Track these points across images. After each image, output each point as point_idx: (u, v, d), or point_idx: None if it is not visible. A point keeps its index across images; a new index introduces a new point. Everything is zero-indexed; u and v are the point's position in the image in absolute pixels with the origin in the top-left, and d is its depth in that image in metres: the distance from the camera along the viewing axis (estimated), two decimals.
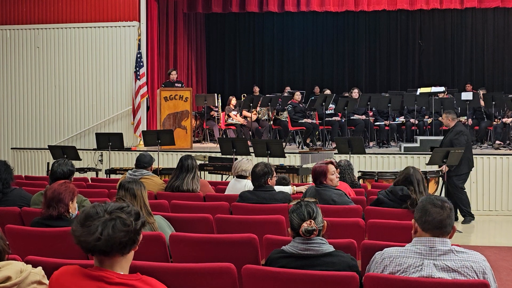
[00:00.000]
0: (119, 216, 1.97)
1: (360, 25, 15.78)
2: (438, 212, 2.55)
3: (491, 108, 10.34)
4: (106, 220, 1.96)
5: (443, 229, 2.55)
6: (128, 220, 1.98)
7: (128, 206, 2.05)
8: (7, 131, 11.60)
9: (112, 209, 2.00)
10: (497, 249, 6.52)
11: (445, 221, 2.55)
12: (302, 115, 11.21)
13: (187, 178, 5.23)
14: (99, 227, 1.94)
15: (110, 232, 1.93)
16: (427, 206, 2.58)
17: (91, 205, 2.05)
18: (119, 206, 2.03)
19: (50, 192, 3.54)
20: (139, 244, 2.07)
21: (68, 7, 11.27)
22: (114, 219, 1.96)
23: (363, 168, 9.05)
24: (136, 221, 2.01)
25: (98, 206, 2.02)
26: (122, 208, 2.02)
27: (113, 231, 1.94)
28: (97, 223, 1.95)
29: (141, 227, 2.04)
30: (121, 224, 1.96)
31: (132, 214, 2.02)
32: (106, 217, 1.96)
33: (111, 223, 1.95)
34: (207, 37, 15.82)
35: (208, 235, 3.52)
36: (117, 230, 1.95)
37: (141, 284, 2.01)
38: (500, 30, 14.96)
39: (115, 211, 1.99)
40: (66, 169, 4.75)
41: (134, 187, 3.66)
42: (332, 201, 4.54)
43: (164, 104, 10.60)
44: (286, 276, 2.63)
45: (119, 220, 1.96)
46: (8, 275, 2.15)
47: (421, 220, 2.58)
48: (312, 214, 2.77)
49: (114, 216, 1.97)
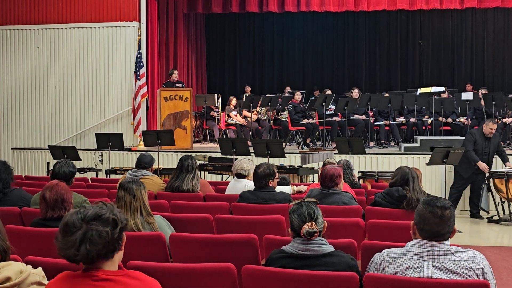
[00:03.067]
0: (95, 228, 1.96)
1: (360, 25, 15.78)
2: (437, 223, 2.52)
3: (491, 108, 10.34)
4: (83, 233, 1.94)
5: (440, 238, 2.53)
6: (104, 232, 1.96)
7: (106, 211, 2.02)
8: (7, 131, 11.61)
9: (89, 218, 1.98)
10: (497, 249, 6.52)
11: (443, 231, 2.53)
12: (302, 115, 11.21)
13: (187, 178, 5.23)
14: (77, 241, 1.94)
15: (88, 247, 1.93)
16: (426, 214, 2.54)
17: (71, 212, 2.03)
18: (96, 214, 1.99)
19: (51, 194, 3.53)
20: (123, 246, 2.07)
21: (68, 7, 11.27)
22: (91, 231, 1.95)
23: (363, 168, 9.05)
24: (114, 229, 1.99)
25: (76, 214, 2.00)
26: (99, 216, 1.99)
27: (90, 245, 1.94)
28: (74, 237, 1.94)
29: (120, 233, 2.03)
30: (97, 236, 1.95)
31: (109, 222, 1.99)
32: (83, 228, 1.95)
33: (88, 235, 1.94)
34: (207, 37, 15.82)
35: (208, 235, 3.52)
36: (93, 243, 1.94)
37: (126, 279, 2.01)
38: (500, 30, 14.96)
39: (91, 222, 1.97)
40: (68, 170, 4.75)
41: (134, 187, 3.66)
42: (343, 203, 4.53)
43: (164, 104, 10.60)
44: (286, 276, 2.63)
45: (95, 233, 1.95)
46: (8, 276, 2.15)
47: (419, 227, 2.56)
48: (313, 216, 2.77)
49: (90, 227, 1.95)
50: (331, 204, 4.48)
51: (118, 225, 2.02)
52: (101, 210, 2.02)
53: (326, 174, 4.60)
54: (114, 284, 1.98)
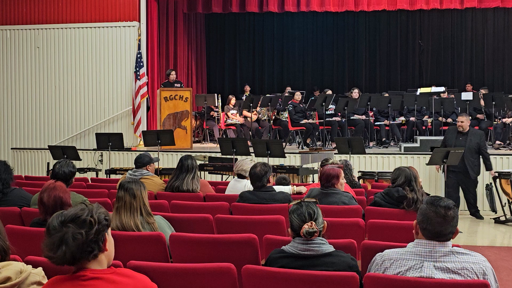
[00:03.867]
0: (71, 231, 1.96)
1: (360, 25, 15.78)
2: (440, 222, 2.51)
3: (491, 108, 10.34)
4: (61, 235, 1.95)
5: (443, 238, 2.53)
6: (78, 234, 1.96)
7: (84, 213, 2.01)
8: (7, 131, 11.60)
9: (66, 220, 1.98)
10: (497, 249, 6.52)
11: (446, 231, 2.52)
12: (302, 115, 11.21)
13: (187, 178, 5.22)
14: (55, 243, 1.95)
15: (63, 249, 1.94)
16: (429, 214, 2.53)
17: (54, 214, 2.04)
18: (73, 215, 2.00)
19: (49, 199, 3.51)
20: (105, 246, 2.05)
21: (68, 7, 11.28)
22: (67, 233, 1.95)
23: (363, 168, 9.05)
24: (89, 231, 1.98)
25: (56, 217, 2.01)
26: (76, 218, 1.99)
27: (65, 247, 1.94)
28: (53, 239, 1.96)
29: (98, 234, 2.01)
30: (72, 238, 1.95)
31: (86, 224, 1.99)
32: (62, 231, 1.96)
33: (65, 237, 1.95)
34: (207, 37, 15.82)
35: (208, 235, 3.52)
36: (68, 246, 1.95)
37: (115, 276, 2.01)
38: (500, 30, 14.96)
39: (68, 224, 1.97)
40: (68, 170, 4.74)
41: (133, 187, 3.65)
42: (343, 203, 4.53)
43: (164, 104, 10.60)
44: (286, 276, 2.63)
45: (70, 235, 1.95)
46: (8, 276, 2.15)
47: (422, 226, 2.56)
48: (313, 216, 2.77)
49: (67, 230, 1.96)
50: (331, 204, 4.48)
51: (94, 226, 2.00)
52: (80, 212, 2.02)
53: (325, 173, 4.63)
54: (103, 282, 1.98)
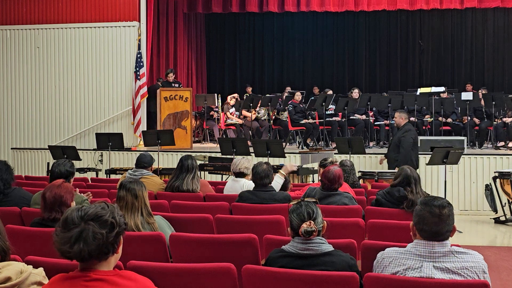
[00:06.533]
0: (91, 229, 1.95)
1: (360, 25, 15.78)
2: (435, 222, 2.51)
3: (491, 108, 10.34)
4: (79, 231, 1.94)
5: (440, 237, 2.53)
6: (99, 233, 1.95)
7: (106, 213, 2.00)
8: (7, 131, 11.60)
9: (88, 217, 1.97)
10: (497, 249, 6.52)
11: (443, 230, 2.52)
12: (302, 115, 11.21)
13: (187, 178, 5.22)
14: (72, 238, 1.93)
15: (81, 246, 1.93)
16: (424, 214, 2.54)
17: (72, 208, 2.03)
18: (96, 214, 1.98)
19: (50, 195, 3.50)
20: (118, 249, 2.05)
21: (68, 7, 11.27)
22: (87, 230, 1.94)
23: (363, 168, 9.05)
24: (110, 232, 1.97)
25: (77, 211, 1.99)
26: (98, 217, 1.98)
27: (84, 244, 1.93)
28: (71, 233, 1.94)
29: (117, 237, 2.01)
30: (92, 237, 1.94)
31: (107, 224, 1.98)
32: (81, 227, 1.94)
33: (84, 234, 1.94)
34: (207, 37, 15.82)
35: (208, 235, 3.52)
36: (87, 243, 1.93)
37: (118, 279, 2.00)
38: (500, 30, 14.96)
39: (90, 221, 1.96)
40: (64, 170, 4.72)
41: (136, 188, 3.65)
42: (343, 204, 4.53)
43: (164, 104, 10.60)
44: (286, 276, 2.63)
45: (91, 233, 1.94)
46: (8, 276, 2.15)
47: (418, 227, 2.56)
48: (312, 215, 2.77)
49: (88, 227, 1.95)
50: (331, 204, 4.48)
51: (115, 228, 2.00)
52: (101, 211, 2.01)
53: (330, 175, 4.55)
54: (105, 284, 1.97)
